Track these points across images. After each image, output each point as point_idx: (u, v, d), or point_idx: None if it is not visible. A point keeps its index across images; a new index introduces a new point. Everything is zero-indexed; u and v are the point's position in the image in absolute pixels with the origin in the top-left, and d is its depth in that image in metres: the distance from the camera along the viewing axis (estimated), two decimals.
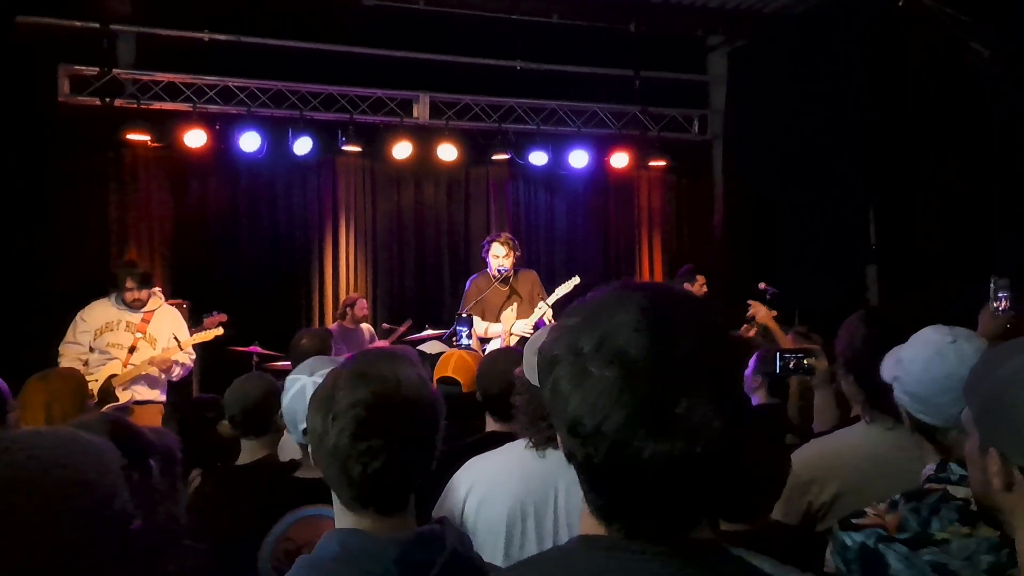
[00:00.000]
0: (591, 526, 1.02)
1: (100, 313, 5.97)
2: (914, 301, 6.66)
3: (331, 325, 8.20)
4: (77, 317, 5.96)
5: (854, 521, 1.72)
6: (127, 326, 5.97)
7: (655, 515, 0.98)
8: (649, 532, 0.98)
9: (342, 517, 1.57)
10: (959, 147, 6.92)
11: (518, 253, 6.67)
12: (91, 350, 5.91)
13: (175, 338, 6.03)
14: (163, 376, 6.08)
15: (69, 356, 5.85)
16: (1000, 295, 3.35)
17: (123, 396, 5.76)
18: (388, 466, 1.49)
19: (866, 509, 1.73)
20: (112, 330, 5.94)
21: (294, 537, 2.20)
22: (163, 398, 6.09)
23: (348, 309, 8.10)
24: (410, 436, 1.53)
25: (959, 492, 1.68)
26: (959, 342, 1.88)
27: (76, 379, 3.75)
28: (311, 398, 1.60)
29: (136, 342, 5.94)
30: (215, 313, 7.14)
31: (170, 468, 2.27)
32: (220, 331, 6.51)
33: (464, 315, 6.29)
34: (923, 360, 1.88)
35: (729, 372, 1.00)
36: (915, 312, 2.40)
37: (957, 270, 6.51)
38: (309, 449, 1.60)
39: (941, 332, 1.93)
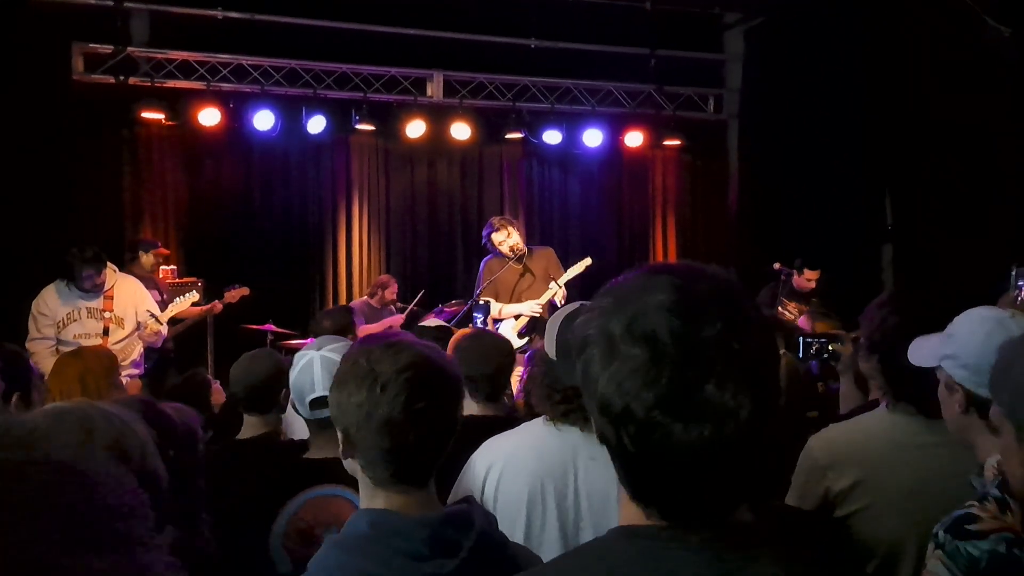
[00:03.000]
0: (630, 515, 1.01)
1: (56, 304, 5.68)
2: (932, 284, 6.61)
3: (359, 301, 8.19)
4: (34, 311, 5.67)
5: (971, 528, 1.58)
6: (90, 313, 5.72)
7: (691, 500, 0.97)
8: (686, 517, 0.98)
9: (370, 497, 1.57)
10: (983, 128, 6.84)
11: (519, 228, 6.61)
12: (58, 342, 5.64)
13: (152, 315, 5.87)
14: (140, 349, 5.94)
15: (42, 353, 5.46)
16: (1021, 284, 3.30)
17: None
18: (430, 433, 1.52)
19: (973, 512, 1.61)
20: (75, 320, 5.69)
21: (306, 516, 2.21)
22: (140, 371, 5.99)
23: (380, 290, 8.10)
24: (446, 404, 1.57)
25: None
26: (1017, 316, 1.87)
27: (107, 355, 3.82)
28: (341, 379, 1.58)
29: (108, 323, 5.74)
30: (236, 286, 7.17)
31: (192, 445, 2.30)
32: (196, 296, 6.41)
33: (481, 302, 6.28)
34: (984, 333, 1.84)
35: (761, 356, 0.98)
36: (937, 296, 2.36)
37: (975, 255, 6.46)
38: (345, 431, 1.57)
39: (994, 310, 1.92)
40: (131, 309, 5.87)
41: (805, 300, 7.21)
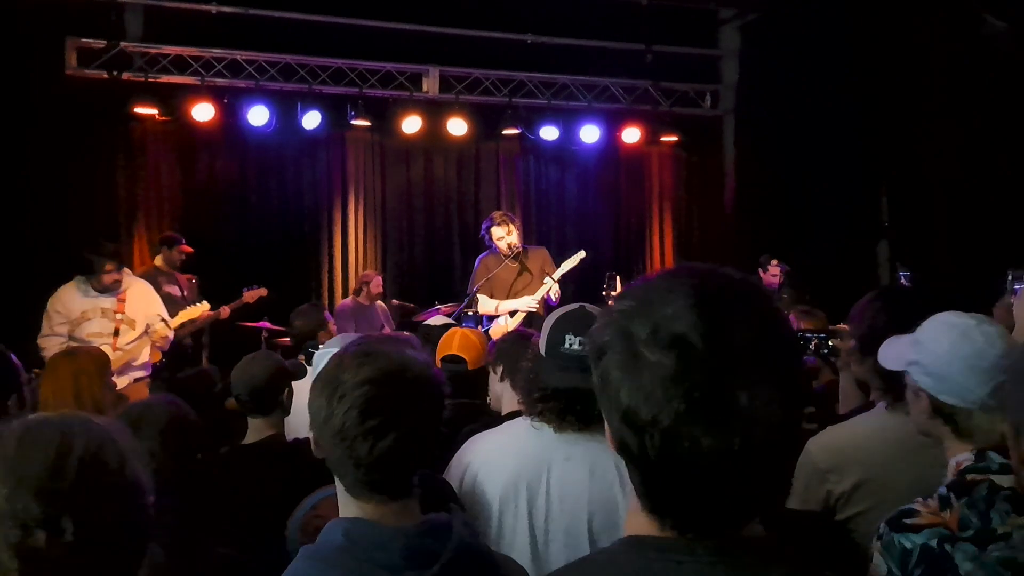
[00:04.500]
0: (639, 525, 0.99)
1: (73, 302, 5.69)
2: (927, 280, 6.59)
3: (346, 300, 8.19)
4: (49, 309, 5.68)
5: (908, 522, 1.62)
6: (103, 313, 5.73)
7: (709, 510, 0.94)
8: (701, 528, 0.95)
9: (346, 505, 1.53)
10: (982, 127, 6.82)
11: (519, 227, 6.64)
12: (71, 339, 5.61)
13: (162, 319, 5.89)
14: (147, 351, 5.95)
15: (52, 350, 5.29)
16: (1016, 288, 3.28)
17: (121, 381, 5.42)
18: (395, 446, 1.45)
19: (915, 507, 1.65)
20: (89, 319, 5.69)
21: (324, 513, 2.19)
22: (148, 373, 5.98)
23: (364, 286, 8.10)
24: (416, 416, 1.50)
25: (1004, 481, 1.62)
26: (983, 324, 1.84)
27: (100, 356, 3.82)
28: (315, 380, 1.56)
29: (119, 324, 5.74)
30: (255, 287, 7.15)
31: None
32: (207, 306, 6.43)
33: (471, 312, 6.36)
34: (949, 341, 1.82)
35: (790, 361, 0.96)
36: (930, 291, 2.33)
37: (972, 254, 6.44)
38: (311, 433, 1.55)
39: (962, 316, 1.88)
40: (141, 311, 5.89)
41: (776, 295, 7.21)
